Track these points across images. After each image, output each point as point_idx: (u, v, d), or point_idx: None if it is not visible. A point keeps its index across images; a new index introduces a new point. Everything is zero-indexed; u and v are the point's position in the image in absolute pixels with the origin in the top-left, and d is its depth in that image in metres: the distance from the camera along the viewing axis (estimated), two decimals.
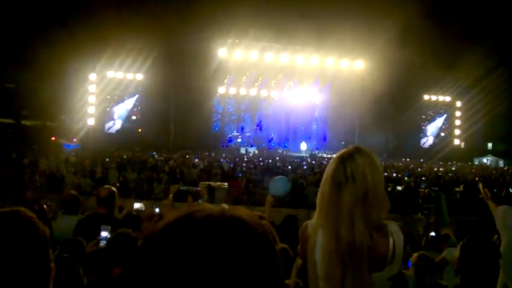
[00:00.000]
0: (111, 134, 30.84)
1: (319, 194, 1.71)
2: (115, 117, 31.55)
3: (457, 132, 36.40)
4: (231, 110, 34.72)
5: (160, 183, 11.70)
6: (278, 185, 3.44)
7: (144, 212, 4.84)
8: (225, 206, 0.72)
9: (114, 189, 3.71)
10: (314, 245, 1.65)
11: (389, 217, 1.69)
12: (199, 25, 26.08)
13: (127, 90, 31.09)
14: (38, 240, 1.03)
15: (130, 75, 30.31)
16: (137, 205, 5.25)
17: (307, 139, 34.35)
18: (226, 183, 11.78)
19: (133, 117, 31.82)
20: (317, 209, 1.70)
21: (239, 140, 32.85)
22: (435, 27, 27.03)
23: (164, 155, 21.27)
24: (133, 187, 11.66)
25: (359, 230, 1.57)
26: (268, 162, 20.69)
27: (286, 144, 33.78)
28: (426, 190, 11.26)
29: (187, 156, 21.86)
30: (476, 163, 32.53)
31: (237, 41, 31.07)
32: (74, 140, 26.35)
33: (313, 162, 21.92)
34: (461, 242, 3.57)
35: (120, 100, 31.53)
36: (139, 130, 31.14)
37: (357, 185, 1.59)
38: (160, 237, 0.66)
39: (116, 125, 31.54)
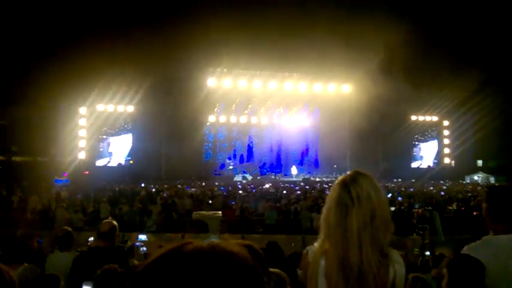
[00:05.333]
0: (103, 167, 30.58)
1: (322, 219, 1.67)
2: (110, 150, 31.29)
3: (447, 151, 36.77)
4: (221, 138, 34.80)
5: (150, 216, 11.53)
6: None
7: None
8: (215, 240, 0.72)
9: (115, 223, 3.75)
10: (316, 272, 1.59)
11: None
12: (188, 56, 26.44)
13: (117, 122, 31.03)
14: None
15: (121, 108, 30.39)
16: (142, 237, 5.42)
17: (299, 164, 34.43)
18: (220, 212, 11.66)
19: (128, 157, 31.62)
20: (321, 235, 1.65)
21: (231, 167, 32.79)
22: (421, 48, 27.69)
23: (157, 186, 21.12)
24: (127, 220, 11.49)
25: (368, 255, 1.52)
26: (261, 188, 20.63)
27: (279, 170, 33.79)
28: (420, 210, 11.28)
29: (180, 186, 21.73)
30: (468, 181, 32.72)
31: (225, 70, 31.49)
32: (65, 174, 26.09)
33: (307, 186, 21.87)
34: (448, 261, 3.57)
35: (112, 133, 31.39)
36: (131, 162, 30.94)
37: (363, 207, 1.56)
38: (148, 274, 0.66)
39: (112, 161, 31.24)
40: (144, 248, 4.41)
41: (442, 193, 18.52)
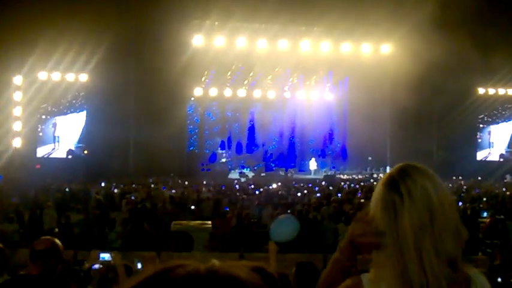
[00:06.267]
0: (46, 158, 30.64)
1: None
2: (56, 134, 31.29)
3: None
4: (212, 119, 34.74)
5: (113, 227, 11.62)
6: (282, 228, 3.44)
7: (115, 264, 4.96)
8: (215, 261, 0.71)
9: (57, 241, 3.67)
10: None
11: None
12: (165, 3, 26.23)
13: (66, 97, 30.95)
14: None
15: (71, 76, 30.32)
16: (105, 255, 5.45)
17: (320, 155, 34.40)
18: (209, 222, 11.74)
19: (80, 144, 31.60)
20: (373, 253, 1.70)
21: (224, 160, 32.82)
22: None
23: (121, 186, 21.21)
24: (79, 233, 11.59)
25: (432, 267, 1.55)
26: (267, 189, 20.70)
27: (291, 164, 33.82)
28: (489, 220, 11.32)
29: (153, 185, 21.83)
30: None
31: (217, 23, 31.28)
32: None
33: (330, 187, 21.93)
34: None
35: (56, 112, 31.33)
36: (85, 152, 30.99)
37: (417, 204, 1.60)
38: None
39: (57, 149, 31.26)
40: (139, 265, 4.44)
41: None
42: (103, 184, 22.14)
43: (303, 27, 32.30)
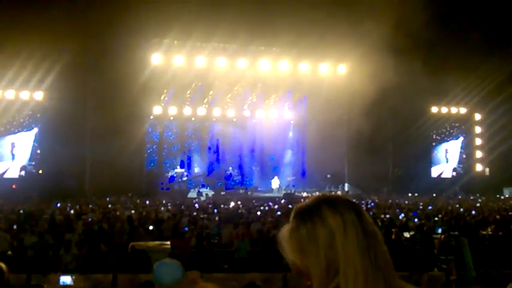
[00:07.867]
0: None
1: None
2: (13, 153, 30.55)
3: (479, 154, 37.72)
4: (171, 137, 34.52)
5: (69, 248, 11.33)
6: (164, 273, 3.42)
7: None
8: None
9: (2, 265, 3.56)
10: None
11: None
12: (124, 21, 26.08)
13: (20, 115, 30.28)
14: None
15: (25, 95, 29.68)
16: (65, 279, 5.31)
17: (280, 173, 34.54)
18: (168, 242, 11.60)
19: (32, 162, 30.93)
20: None
21: (185, 179, 32.59)
22: (446, 17, 28.21)
23: (77, 206, 20.78)
24: (33, 256, 11.26)
25: (376, 280, 1.44)
26: (226, 208, 20.62)
27: (251, 182, 33.86)
28: (443, 236, 11.54)
29: (110, 205, 21.48)
30: (508, 195, 33.57)
31: (176, 41, 31.24)
32: None
33: (290, 205, 21.98)
34: None
35: (8, 132, 30.58)
36: (40, 171, 30.28)
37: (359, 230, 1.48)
38: None
39: (11, 170, 30.44)
40: None
41: (473, 212, 18.98)
42: (58, 205, 21.63)
43: (262, 47, 32.48)
